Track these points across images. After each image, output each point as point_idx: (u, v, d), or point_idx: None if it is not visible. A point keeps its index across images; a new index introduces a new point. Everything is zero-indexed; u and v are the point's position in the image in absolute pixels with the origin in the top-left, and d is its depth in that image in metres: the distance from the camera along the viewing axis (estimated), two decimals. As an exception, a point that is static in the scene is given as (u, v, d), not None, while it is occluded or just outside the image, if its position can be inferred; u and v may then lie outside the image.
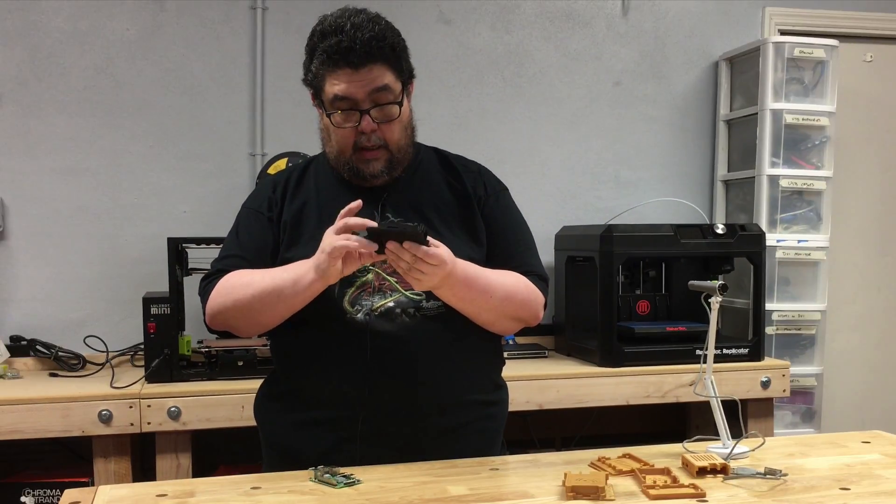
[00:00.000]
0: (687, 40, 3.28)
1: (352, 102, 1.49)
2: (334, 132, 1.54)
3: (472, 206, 1.62)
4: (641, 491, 1.27)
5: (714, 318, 1.52)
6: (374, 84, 1.48)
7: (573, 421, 2.93)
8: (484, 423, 1.60)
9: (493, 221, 1.63)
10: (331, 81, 1.49)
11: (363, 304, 1.51)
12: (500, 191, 1.68)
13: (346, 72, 1.47)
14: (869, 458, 1.51)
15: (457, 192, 1.63)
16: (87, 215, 2.80)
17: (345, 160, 1.55)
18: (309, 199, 1.61)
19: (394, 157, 1.56)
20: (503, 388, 1.69)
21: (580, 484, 1.25)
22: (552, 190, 3.18)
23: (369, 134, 1.51)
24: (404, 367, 1.50)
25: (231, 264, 1.57)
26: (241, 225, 1.65)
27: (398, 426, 1.50)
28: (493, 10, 3.11)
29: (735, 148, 3.24)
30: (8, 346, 2.65)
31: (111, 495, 1.30)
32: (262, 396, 1.66)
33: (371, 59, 1.47)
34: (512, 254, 1.62)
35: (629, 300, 2.91)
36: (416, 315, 1.52)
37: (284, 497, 1.28)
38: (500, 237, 1.63)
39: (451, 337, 1.53)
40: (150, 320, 2.38)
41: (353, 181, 1.58)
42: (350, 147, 1.53)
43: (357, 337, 1.50)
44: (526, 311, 1.57)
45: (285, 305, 1.47)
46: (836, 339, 3.42)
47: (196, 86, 2.88)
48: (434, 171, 1.65)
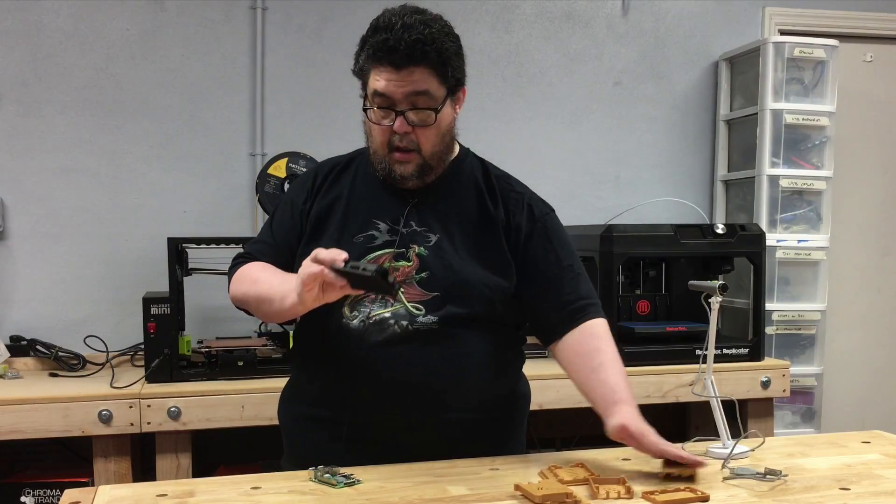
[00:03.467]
0: (687, 40, 3.28)
1: (389, 101, 1.48)
2: (371, 127, 1.55)
3: (498, 233, 1.58)
4: (643, 496, 1.26)
5: (714, 318, 1.52)
6: (414, 87, 1.47)
7: (573, 421, 2.92)
8: (474, 439, 1.56)
9: (538, 256, 1.59)
10: (374, 76, 1.49)
11: (361, 311, 1.51)
12: (546, 213, 1.64)
13: (388, 69, 1.46)
14: (869, 458, 1.51)
15: (487, 215, 1.59)
16: (87, 215, 2.80)
17: (380, 158, 1.55)
18: (341, 195, 1.61)
19: (426, 162, 1.54)
20: (514, 398, 1.68)
21: (550, 492, 1.22)
22: (552, 190, 3.14)
23: (402, 135, 1.50)
24: (389, 378, 1.49)
25: (259, 250, 1.62)
26: (277, 213, 1.68)
27: (381, 435, 1.51)
28: (493, 10, 3.11)
29: (735, 148, 3.24)
30: (8, 346, 2.65)
31: (111, 495, 1.30)
32: (284, 391, 1.70)
33: (413, 61, 1.46)
34: (562, 287, 1.58)
35: (629, 300, 2.90)
36: (409, 328, 1.50)
37: (284, 497, 1.28)
38: (548, 269, 1.59)
39: (439, 354, 1.51)
40: (150, 320, 2.37)
41: (387, 180, 1.58)
42: (385, 145, 1.53)
43: (349, 343, 1.50)
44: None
45: (278, 314, 1.48)
46: (836, 339, 3.42)
47: (196, 86, 2.87)
48: (471, 187, 1.62)
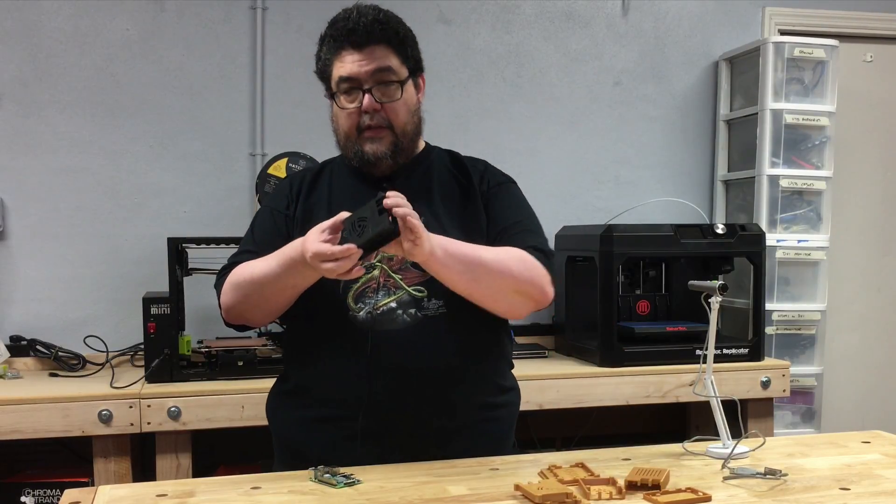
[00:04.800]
0: (687, 40, 3.28)
1: (355, 82, 1.53)
2: (340, 115, 1.57)
3: (478, 202, 1.62)
4: (644, 497, 1.26)
5: (714, 318, 1.52)
6: (378, 64, 1.53)
7: (573, 421, 2.93)
8: (488, 425, 1.59)
9: (492, 210, 1.63)
10: (337, 64, 1.55)
11: (366, 302, 1.52)
12: (502, 182, 1.67)
13: (351, 51, 1.53)
14: (869, 458, 1.51)
15: (462, 187, 1.64)
16: (87, 215, 2.80)
17: (351, 144, 1.57)
18: (322, 197, 1.63)
19: (398, 140, 1.57)
20: (512, 391, 1.67)
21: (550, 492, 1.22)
22: (552, 190, 3.17)
23: (372, 114, 1.54)
24: (405, 367, 1.50)
25: (244, 259, 1.60)
26: (256, 222, 1.69)
27: (398, 426, 1.50)
28: (493, 10, 3.11)
29: (735, 148, 3.24)
30: (8, 346, 2.65)
31: (111, 495, 1.30)
32: (273, 394, 1.67)
33: (373, 39, 1.52)
34: (509, 234, 1.58)
35: (629, 300, 2.90)
36: (417, 315, 1.52)
37: (284, 497, 1.28)
38: (500, 221, 1.61)
39: (452, 338, 1.53)
40: (150, 320, 2.37)
41: (362, 168, 1.60)
42: (354, 128, 1.56)
43: (359, 336, 1.50)
44: (527, 284, 1.49)
45: (290, 287, 1.49)
46: (836, 339, 3.42)
47: (196, 86, 2.88)
48: (443, 168, 1.67)
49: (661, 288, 2.98)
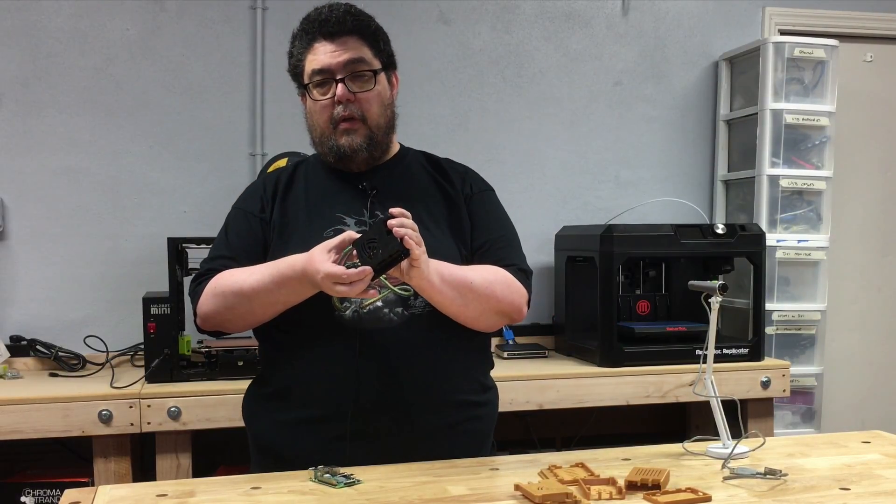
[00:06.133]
0: (687, 40, 3.28)
1: (328, 74, 1.54)
2: (314, 110, 1.57)
3: (460, 205, 1.63)
4: (644, 497, 1.26)
5: (714, 318, 1.52)
6: (350, 55, 1.54)
7: (573, 421, 2.93)
8: (472, 423, 1.59)
9: (475, 218, 1.64)
10: (310, 58, 1.56)
11: (352, 301, 1.50)
12: (484, 189, 1.69)
13: (323, 43, 1.54)
14: (869, 458, 1.51)
15: (444, 191, 1.64)
16: (87, 215, 2.80)
17: (326, 137, 1.57)
18: (298, 198, 1.62)
19: (373, 133, 1.57)
20: (492, 389, 1.67)
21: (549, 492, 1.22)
22: (552, 190, 3.18)
23: (346, 104, 1.54)
24: (393, 366, 1.50)
25: (220, 265, 1.57)
26: (230, 226, 1.65)
27: (387, 425, 1.50)
28: (493, 10, 3.11)
29: (735, 148, 3.24)
30: (8, 346, 2.65)
31: (111, 495, 1.30)
32: (250, 397, 1.65)
33: (346, 30, 1.54)
34: (493, 249, 1.61)
35: (629, 300, 2.90)
36: (404, 313, 1.52)
37: (284, 497, 1.28)
38: (483, 233, 1.63)
39: (438, 336, 1.53)
40: (150, 320, 2.37)
41: (338, 165, 1.60)
42: (328, 121, 1.56)
43: (345, 335, 1.50)
44: (509, 306, 1.55)
45: (281, 303, 1.49)
46: (836, 339, 3.42)
47: (196, 86, 2.88)
48: (421, 171, 1.67)
49: (661, 288, 2.99)
